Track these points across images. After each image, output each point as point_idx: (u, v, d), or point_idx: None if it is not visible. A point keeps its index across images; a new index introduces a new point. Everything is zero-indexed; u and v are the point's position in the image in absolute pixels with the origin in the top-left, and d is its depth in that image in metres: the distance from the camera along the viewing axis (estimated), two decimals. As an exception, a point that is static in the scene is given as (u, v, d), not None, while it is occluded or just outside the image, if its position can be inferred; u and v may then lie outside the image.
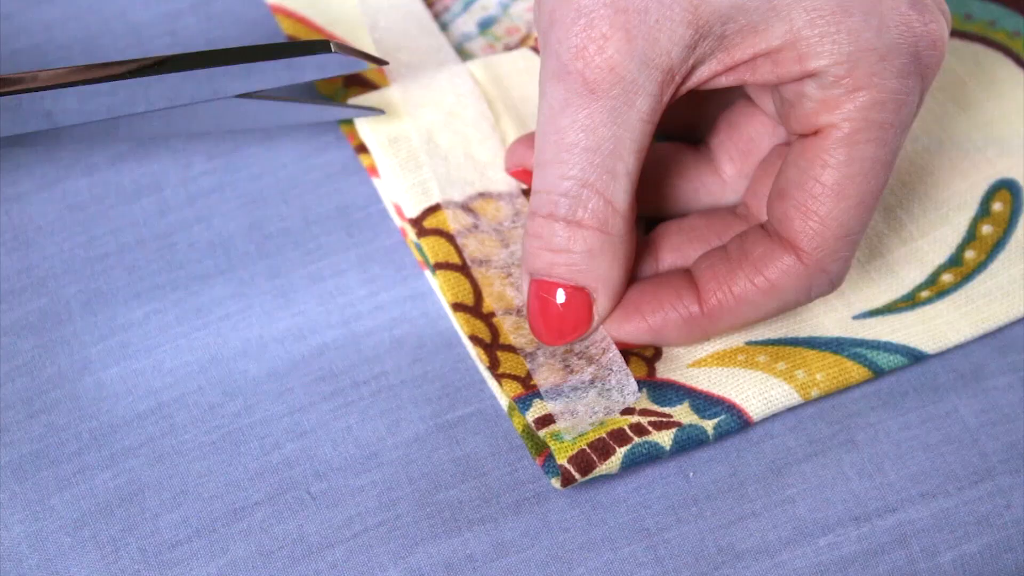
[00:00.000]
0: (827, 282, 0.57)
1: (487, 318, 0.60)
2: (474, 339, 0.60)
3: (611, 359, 0.58)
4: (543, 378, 0.58)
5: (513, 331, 0.59)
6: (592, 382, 0.58)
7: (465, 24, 0.68)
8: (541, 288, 0.57)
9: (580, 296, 0.57)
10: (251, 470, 0.58)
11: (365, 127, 0.63)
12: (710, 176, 0.62)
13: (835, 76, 0.54)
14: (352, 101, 0.64)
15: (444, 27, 0.68)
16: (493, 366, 0.59)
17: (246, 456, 0.58)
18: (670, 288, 0.58)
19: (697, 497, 0.58)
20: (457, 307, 0.60)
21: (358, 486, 0.58)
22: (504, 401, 0.59)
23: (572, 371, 0.58)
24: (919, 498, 0.59)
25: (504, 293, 0.60)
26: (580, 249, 0.56)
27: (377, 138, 0.63)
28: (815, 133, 0.55)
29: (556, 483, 0.57)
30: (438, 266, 0.61)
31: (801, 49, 0.54)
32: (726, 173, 0.61)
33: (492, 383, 0.60)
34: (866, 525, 0.58)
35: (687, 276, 0.58)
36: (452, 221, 0.61)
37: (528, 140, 0.61)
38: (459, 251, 0.61)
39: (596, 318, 0.58)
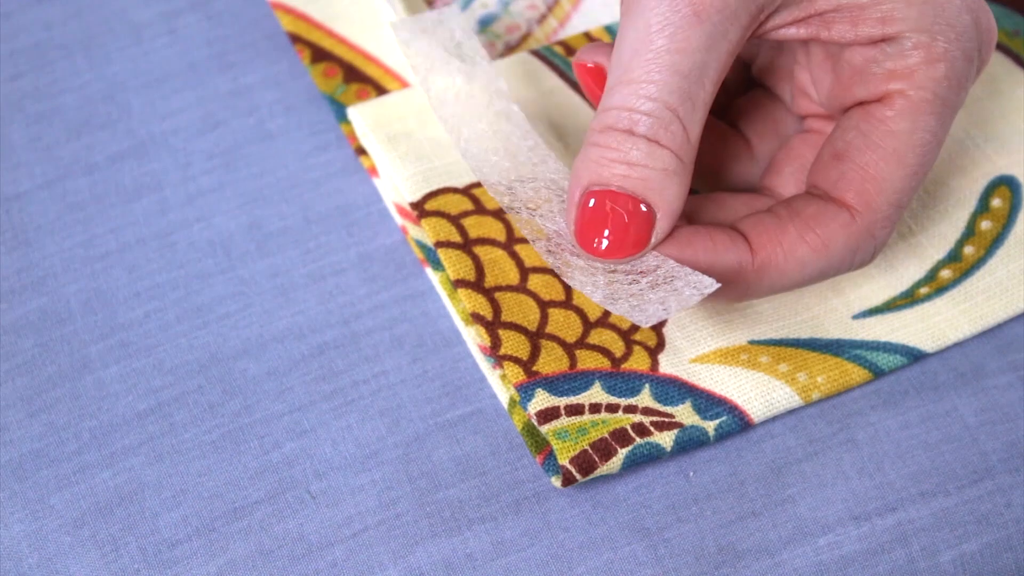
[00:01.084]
0: (871, 249, 0.57)
1: (489, 293, 0.60)
2: (476, 316, 0.59)
3: (670, 268, 0.56)
4: (592, 292, 0.56)
5: (545, 252, 0.57)
6: (652, 288, 0.56)
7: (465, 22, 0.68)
8: (602, 196, 0.55)
9: (647, 213, 0.55)
10: (251, 469, 0.58)
11: (363, 127, 0.63)
12: (744, 151, 0.61)
13: (914, 44, 0.55)
14: (351, 109, 0.64)
15: (444, 24, 0.68)
16: (495, 346, 0.59)
17: (246, 455, 0.58)
18: (724, 234, 0.57)
19: (697, 497, 0.58)
20: (459, 283, 0.60)
21: (358, 485, 0.58)
22: (504, 397, 0.59)
23: (620, 283, 0.56)
24: (919, 497, 0.59)
25: (533, 222, 0.58)
26: (658, 167, 0.55)
27: (375, 136, 0.63)
28: (879, 100, 0.56)
29: (556, 482, 0.57)
30: (439, 244, 0.61)
31: (886, 11, 0.55)
32: (758, 149, 0.61)
33: (493, 380, 0.60)
34: (866, 524, 0.58)
35: (737, 231, 0.58)
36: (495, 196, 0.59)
37: (605, 47, 0.59)
38: (460, 231, 0.61)
39: (653, 239, 0.56)
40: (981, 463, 0.59)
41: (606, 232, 0.55)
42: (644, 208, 0.55)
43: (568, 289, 0.61)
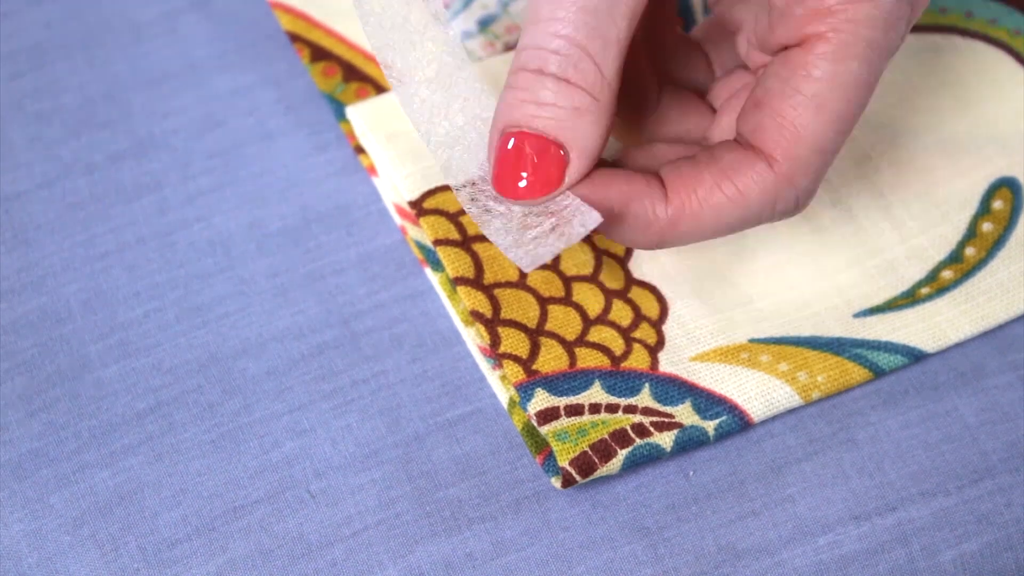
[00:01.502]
0: (793, 199, 0.56)
1: (488, 290, 0.60)
2: (475, 314, 0.59)
3: (576, 206, 0.55)
4: (502, 239, 0.55)
5: (468, 200, 0.56)
6: (553, 229, 0.55)
7: (465, 22, 0.68)
8: (519, 138, 0.55)
9: (557, 152, 0.55)
10: (250, 469, 0.58)
11: (361, 126, 0.63)
12: (710, 119, 0.60)
13: None
14: (350, 108, 0.64)
15: (444, 24, 0.68)
16: (494, 344, 0.59)
17: (245, 455, 0.58)
18: (642, 179, 0.56)
19: (697, 496, 0.58)
20: (458, 280, 0.60)
21: (357, 485, 0.58)
22: (504, 397, 0.59)
23: (530, 228, 0.56)
24: (919, 497, 0.59)
25: (452, 165, 0.57)
26: (567, 105, 0.54)
27: (375, 135, 0.63)
28: (799, 44, 0.54)
29: (556, 483, 0.57)
30: (438, 242, 0.61)
31: None
32: (723, 122, 0.60)
33: (492, 380, 0.60)
34: (866, 524, 0.58)
35: (658, 177, 0.57)
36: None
37: None
38: (459, 228, 0.61)
39: (567, 180, 0.55)
40: (981, 463, 0.59)
41: (523, 174, 0.55)
42: (557, 148, 0.55)
43: (568, 286, 0.61)
